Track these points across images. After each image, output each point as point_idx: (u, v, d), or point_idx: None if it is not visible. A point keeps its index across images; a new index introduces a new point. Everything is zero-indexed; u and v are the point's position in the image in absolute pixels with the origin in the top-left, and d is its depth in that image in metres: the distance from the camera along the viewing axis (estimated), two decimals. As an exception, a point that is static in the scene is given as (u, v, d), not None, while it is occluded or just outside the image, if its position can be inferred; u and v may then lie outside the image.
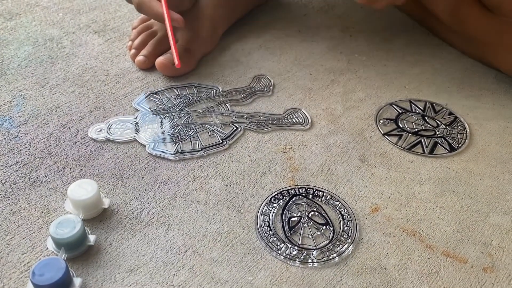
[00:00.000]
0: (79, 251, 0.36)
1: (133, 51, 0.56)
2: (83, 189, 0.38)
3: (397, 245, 0.37)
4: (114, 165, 0.43)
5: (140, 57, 0.55)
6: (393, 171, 0.44)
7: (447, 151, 0.46)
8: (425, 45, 0.61)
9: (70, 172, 0.42)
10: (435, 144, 0.47)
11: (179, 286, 0.34)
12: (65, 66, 0.56)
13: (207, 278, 0.35)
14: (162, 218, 0.39)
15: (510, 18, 0.51)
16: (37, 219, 0.38)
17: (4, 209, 0.39)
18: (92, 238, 0.36)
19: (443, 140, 0.47)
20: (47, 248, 0.36)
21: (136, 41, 0.57)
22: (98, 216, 0.39)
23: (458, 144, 0.47)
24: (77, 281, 0.33)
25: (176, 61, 0.48)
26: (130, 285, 0.34)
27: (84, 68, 0.55)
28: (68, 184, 0.41)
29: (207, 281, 0.35)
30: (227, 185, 0.42)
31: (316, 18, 0.66)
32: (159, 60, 0.53)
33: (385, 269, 0.36)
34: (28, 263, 0.35)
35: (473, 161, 0.45)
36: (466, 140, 0.47)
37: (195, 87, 0.53)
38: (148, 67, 0.55)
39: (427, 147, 0.46)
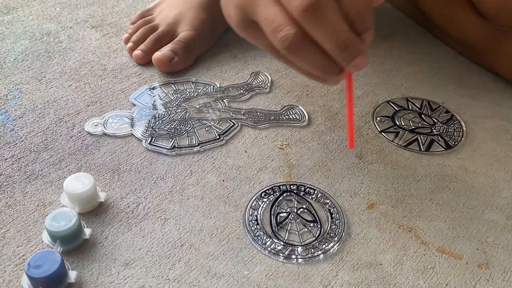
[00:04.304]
0: (74, 244, 0.35)
1: (130, 44, 0.56)
2: (79, 183, 0.37)
3: (393, 241, 0.38)
4: (110, 159, 0.43)
5: (138, 52, 0.55)
6: (389, 168, 0.44)
7: (443, 149, 0.46)
8: (422, 44, 0.61)
9: (66, 166, 0.42)
10: (432, 141, 0.47)
11: (175, 280, 0.34)
12: (62, 60, 0.55)
13: (203, 272, 0.35)
14: (158, 213, 0.39)
15: (507, 27, 0.50)
16: (33, 212, 0.38)
17: (-1, 202, 0.39)
18: (87, 231, 0.36)
19: (439, 137, 0.47)
20: (43, 241, 0.36)
21: (135, 35, 0.56)
22: (94, 210, 0.39)
23: (454, 142, 0.47)
24: (72, 274, 0.33)
25: (349, 144, 0.37)
26: (126, 279, 0.34)
27: (81, 62, 0.55)
28: (64, 177, 0.41)
29: (203, 275, 0.35)
30: (223, 181, 0.42)
31: (314, 15, 0.66)
32: (156, 55, 0.53)
33: (380, 264, 0.36)
34: (23, 256, 0.35)
35: (469, 159, 0.45)
36: (462, 138, 0.47)
37: (193, 83, 0.53)
38: (146, 62, 0.55)
39: (423, 145, 0.46)
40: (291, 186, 0.41)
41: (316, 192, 0.41)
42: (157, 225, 0.38)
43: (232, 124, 0.47)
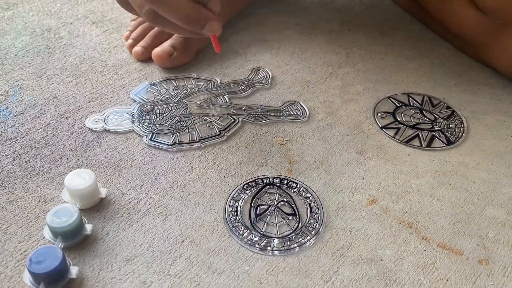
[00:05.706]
0: (75, 240, 0.36)
1: (130, 41, 0.56)
2: (80, 179, 0.38)
3: (393, 237, 0.38)
4: (111, 155, 0.43)
5: (137, 48, 0.55)
6: (390, 164, 0.44)
7: (444, 145, 0.46)
8: (423, 40, 0.61)
9: (67, 162, 0.42)
10: (433, 137, 0.47)
11: (176, 275, 0.34)
12: (63, 56, 0.55)
13: (204, 267, 0.35)
14: (159, 208, 0.39)
15: (506, 21, 0.50)
16: (34, 208, 0.38)
17: (0, 198, 0.39)
18: (89, 227, 0.36)
19: (440, 133, 0.47)
20: (44, 237, 0.36)
21: (135, 32, 0.57)
22: (95, 206, 0.39)
23: (455, 138, 0.47)
24: (73, 269, 0.33)
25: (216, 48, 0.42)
26: (127, 274, 0.34)
27: (81, 58, 0.55)
28: (65, 174, 0.41)
29: (204, 270, 0.35)
30: (224, 176, 0.42)
31: (315, 11, 0.66)
32: (156, 51, 0.53)
33: (381, 260, 0.36)
34: (24, 251, 0.35)
35: (470, 155, 0.45)
36: (463, 134, 0.47)
37: (193, 79, 0.53)
38: (146, 58, 0.55)
39: (424, 141, 0.46)
40: (274, 179, 0.41)
41: (298, 186, 0.41)
42: (158, 221, 0.38)
43: (233, 120, 0.47)
